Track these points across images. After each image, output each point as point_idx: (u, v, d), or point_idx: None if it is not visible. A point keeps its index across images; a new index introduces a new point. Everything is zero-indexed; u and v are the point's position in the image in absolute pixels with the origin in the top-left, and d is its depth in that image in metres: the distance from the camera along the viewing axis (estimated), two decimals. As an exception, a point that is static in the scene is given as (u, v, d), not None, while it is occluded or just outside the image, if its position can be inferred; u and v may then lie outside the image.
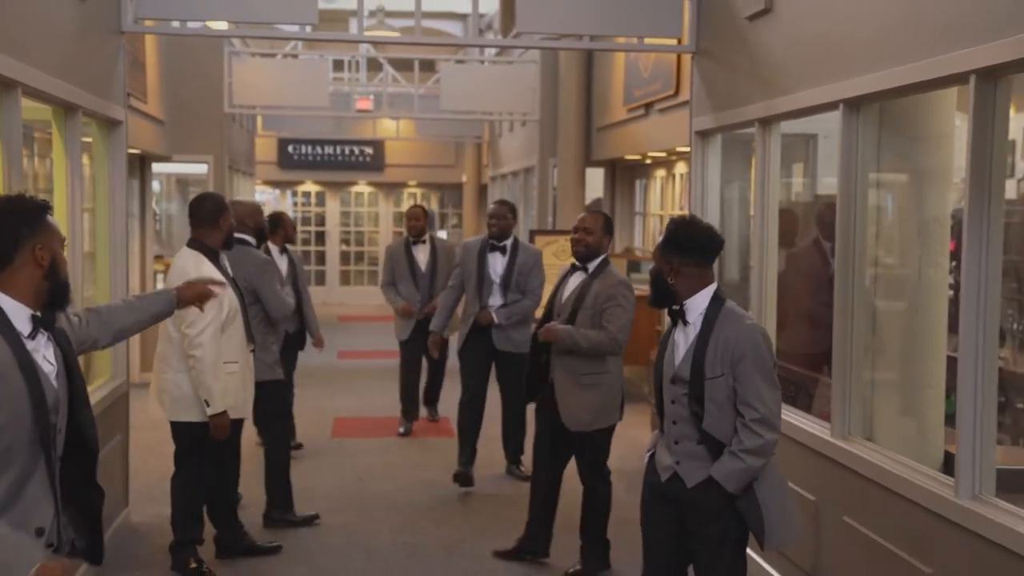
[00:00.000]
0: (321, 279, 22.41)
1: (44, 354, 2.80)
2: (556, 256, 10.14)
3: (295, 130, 19.89)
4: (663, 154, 10.07)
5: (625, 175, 12.23)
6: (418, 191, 23.76)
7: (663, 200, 10.89)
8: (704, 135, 6.70)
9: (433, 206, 23.27)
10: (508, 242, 7.31)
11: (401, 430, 9.01)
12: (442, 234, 21.39)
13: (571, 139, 11.87)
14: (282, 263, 7.59)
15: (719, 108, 6.36)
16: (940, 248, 4.78)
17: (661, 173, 10.94)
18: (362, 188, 23.39)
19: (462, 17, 20.26)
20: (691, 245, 3.83)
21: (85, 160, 6.03)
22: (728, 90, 6.23)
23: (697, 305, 3.83)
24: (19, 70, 4.35)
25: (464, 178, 21.51)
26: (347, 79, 15.86)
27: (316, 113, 15.03)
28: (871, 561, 4.43)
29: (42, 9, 4.86)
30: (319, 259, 22.71)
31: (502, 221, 7.31)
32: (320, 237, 22.92)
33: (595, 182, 12.63)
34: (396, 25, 18.43)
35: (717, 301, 3.83)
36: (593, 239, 5.44)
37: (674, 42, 7.01)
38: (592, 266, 5.46)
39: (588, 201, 12.46)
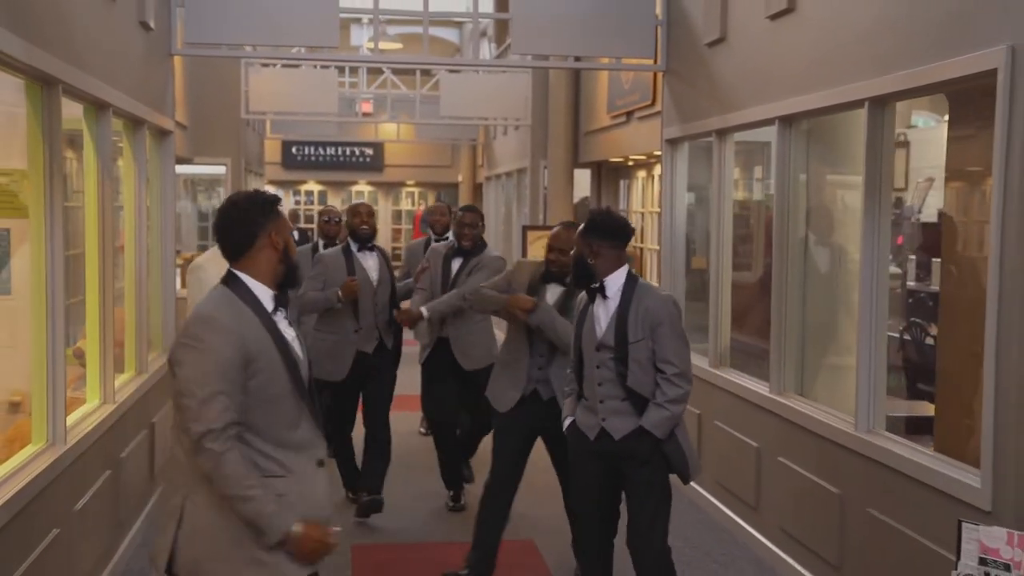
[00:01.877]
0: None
1: (284, 326, 3.21)
2: (548, 250, 10.92)
3: (299, 132, 20.70)
4: (643, 157, 10.87)
5: (610, 175, 13.00)
6: (416, 190, 24.73)
7: (644, 198, 11.73)
8: (673, 142, 7.70)
9: (431, 204, 24.17)
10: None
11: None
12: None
13: (560, 142, 12.59)
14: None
15: (685, 120, 7.37)
16: (857, 238, 5.79)
17: (642, 174, 11.80)
18: (362, 187, 24.36)
19: (458, 24, 21.05)
20: (608, 230, 4.37)
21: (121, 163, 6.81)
22: (692, 105, 7.23)
23: (615, 282, 4.36)
24: (112, 94, 5.33)
25: (460, 178, 22.28)
26: (347, 83, 16.58)
27: (324, 118, 15.73)
28: (798, 490, 5.48)
29: (122, 39, 5.84)
30: (321, 255, 23.53)
31: (474, 230, 6.35)
32: (322, 234, 23.75)
33: (582, 182, 13.39)
34: (395, 32, 19.24)
35: (632, 278, 4.38)
36: (568, 259, 4.76)
37: (649, 62, 7.98)
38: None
39: (576, 200, 13.25)
